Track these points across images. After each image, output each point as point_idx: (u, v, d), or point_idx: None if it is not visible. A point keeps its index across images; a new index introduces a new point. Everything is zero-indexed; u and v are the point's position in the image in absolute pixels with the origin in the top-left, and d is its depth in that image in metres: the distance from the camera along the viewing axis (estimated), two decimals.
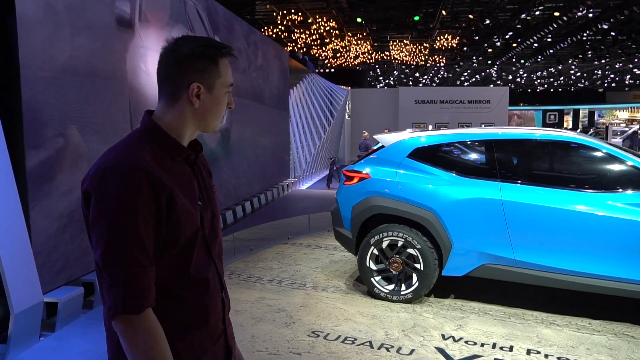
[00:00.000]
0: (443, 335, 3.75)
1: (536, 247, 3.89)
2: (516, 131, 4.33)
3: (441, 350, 3.51)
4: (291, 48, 18.12)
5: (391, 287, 4.35)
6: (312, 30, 17.10)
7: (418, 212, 4.21)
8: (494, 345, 3.58)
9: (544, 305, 4.26)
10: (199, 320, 1.24)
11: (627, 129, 24.49)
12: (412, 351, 3.50)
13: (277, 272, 5.34)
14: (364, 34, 19.02)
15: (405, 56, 21.63)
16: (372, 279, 4.42)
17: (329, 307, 4.33)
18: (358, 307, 4.30)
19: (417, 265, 4.24)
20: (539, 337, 3.71)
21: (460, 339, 3.69)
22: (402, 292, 4.30)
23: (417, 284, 4.25)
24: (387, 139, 4.71)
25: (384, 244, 4.34)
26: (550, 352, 3.48)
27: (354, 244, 4.57)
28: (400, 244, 4.29)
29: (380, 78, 33.50)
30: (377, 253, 4.39)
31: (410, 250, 4.26)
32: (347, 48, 20.16)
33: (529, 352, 3.48)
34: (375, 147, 4.83)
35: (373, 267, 4.41)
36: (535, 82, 35.98)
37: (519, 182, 4.02)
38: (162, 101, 1.25)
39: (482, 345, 3.59)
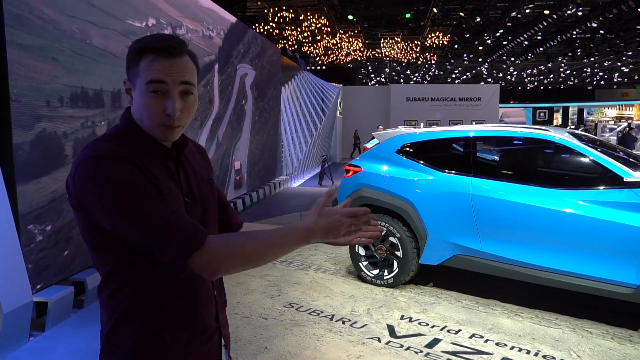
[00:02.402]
0: (402, 316, 4.01)
1: (500, 239, 4.04)
2: (489, 128, 4.53)
3: (390, 327, 3.79)
4: (282, 45, 18.07)
5: (376, 271, 4.70)
6: (303, 28, 17.06)
7: (397, 204, 4.52)
8: (443, 328, 3.77)
9: (523, 299, 4.31)
10: (189, 317, 1.20)
11: (615, 127, 24.75)
12: (363, 325, 3.83)
13: (294, 255, 5.75)
14: (355, 31, 19.03)
15: (397, 53, 21.67)
16: (360, 264, 4.78)
17: (318, 285, 4.73)
18: (343, 288, 4.67)
19: (398, 253, 4.53)
20: (493, 325, 3.82)
21: (417, 320, 3.93)
22: (385, 277, 4.63)
23: (397, 270, 4.56)
24: (381, 135, 5.07)
25: None
26: (493, 338, 3.60)
27: None
28: (383, 232, 4.57)
29: (372, 75, 33.52)
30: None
31: (392, 239, 4.56)
32: (339, 45, 20.15)
33: (472, 336, 3.64)
34: (368, 145, 5.12)
35: (361, 252, 4.77)
36: (526, 80, 36.22)
37: (488, 177, 4.18)
38: None
39: (432, 327, 3.81)
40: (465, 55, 23.93)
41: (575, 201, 3.70)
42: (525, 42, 19.76)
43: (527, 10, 15.63)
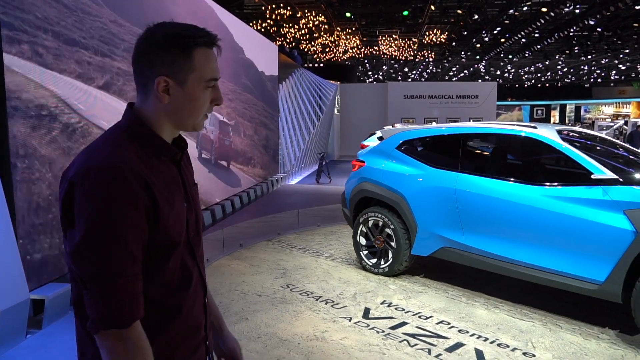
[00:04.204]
0: (384, 301, 4.22)
1: (479, 233, 4.16)
2: (476, 126, 4.65)
3: (367, 310, 4.04)
4: (280, 42, 18.04)
5: (374, 260, 4.93)
6: (301, 25, 17.03)
7: (391, 196, 4.73)
8: (416, 314, 3.95)
9: (513, 294, 4.34)
10: (182, 331, 1.15)
11: (612, 124, 24.79)
12: (343, 307, 4.10)
13: (313, 244, 6.13)
14: (353, 28, 19.00)
15: (394, 51, 21.65)
16: (360, 253, 5.04)
17: (321, 271, 5.04)
18: (343, 274, 4.96)
19: (392, 244, 4.74)
20: (467, 314, 3.94)
21: (395, 305, 4.13)
22: (381, 266, 4.86)
23: (391, 259, 4.77)
24: (386, 132, 5.35)
25: (370, 223, 4.92)
26: (459, 325, 3.72)
27: (352, 222, 5.24)
28: (380, 223, 4.82)
29: (370, 73, 33.50)
30: (365, 230, 4.96)
31: (387, 230, 4.77)
32: (336, 43, 20.11)
33: (440, 322, 3.80)
34: (365, 142, 5.27)
35: (363, 242, 5.00)
36: (523, 78, 36.25)
37: (471, 173, 4.29)
38: (138, 94, 1.13)
39: (407, 312, 4.00)
40: (462, 52, 23.94)
41: (546, 197, 3.74)
42: (523, 40, 19.77)
43: (525, 8, 15.64)
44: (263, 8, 15.57)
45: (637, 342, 3.45)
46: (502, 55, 24.27)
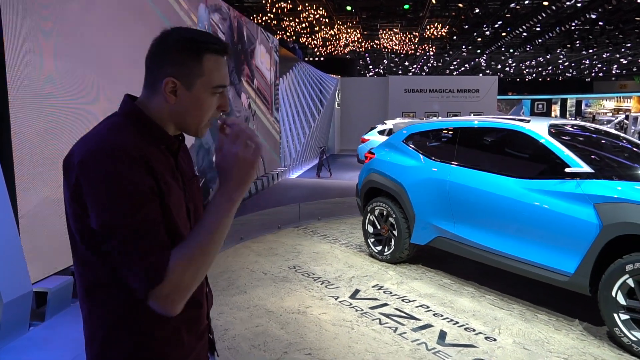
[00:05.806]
0: (376, 285, 4.44)
1: (466, 223, 4.28)
2: (470, 120, 4.77)
3: (356, 291, 4.28)
4: (281, 36, 17.99)
5: (379, 248, 5.15)
6: (301, 19, 16.97)
7: (393, 186, 4.96)
8: (401, 297, 4.14)
9: (507, 287, 4.37)
10: (187, 318, 1.17)
11: (613, 118, 24.74)
12: (336, 287, 4.36)
13: (336, 232, 6.40)
14: (354, 22, 18.93)
15: (395, 45, 21.58)
16: (368, 240, 5.29)
17: (332, 255, 5.34)
18: (350, 259, 5.22)
19: (394, 232, 4.95)
20: (450, 301, 4.06)
21: (385, 289, 4.33)
22: (384, 253, 5.08)
23: (393, 247, 4.98)
24: (397, 125, 5.61)
25: (376, 212, 5.17)
26: (437, 310, 3.89)
27: (362, 210, 5.52)
28: (385, 213, 5.05)
29: (370, 67, 33.41)
30: (373, 219, 5.21)
31: (391, 219, 4.99)
32: (337, 36, 20.06)
33: (420, 306, 3.96)
34: (365, 137, 5.43)
35: (370, 230, 5.25)
36: (524, 72, 36.14)
37: (463, 165, 4.41)
38: (144, 90, 1.16)
39: (393, 295, 4.20)
40: (463, 46, 23.85)
41: (524, 189, 3.81)
42: (524, 34, 19.71)
43: (526, 2, 15.57)
44: (263, 1, 15.51)
45: (602, 334, 3.49)
46: (503, 49, 24.18)
